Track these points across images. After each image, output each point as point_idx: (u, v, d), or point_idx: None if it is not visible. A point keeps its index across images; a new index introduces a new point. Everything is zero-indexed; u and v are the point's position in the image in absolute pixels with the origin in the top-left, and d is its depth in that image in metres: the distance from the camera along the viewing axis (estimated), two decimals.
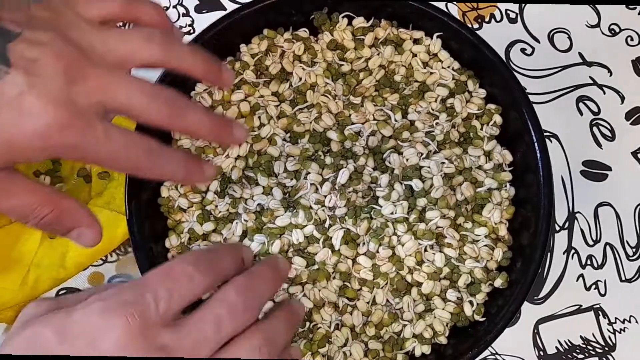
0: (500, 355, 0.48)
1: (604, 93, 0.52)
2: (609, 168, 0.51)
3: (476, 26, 0.53)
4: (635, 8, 0.53)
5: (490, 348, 0.48)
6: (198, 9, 0.53)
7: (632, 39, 0.53)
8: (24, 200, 0.32)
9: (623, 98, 0.52)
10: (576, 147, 0.51)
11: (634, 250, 0.50)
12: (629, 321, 0.49)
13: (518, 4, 0.53)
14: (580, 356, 0.48)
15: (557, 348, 0.48)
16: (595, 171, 0.51)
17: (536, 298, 0.49)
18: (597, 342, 0.48)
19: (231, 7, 0.50)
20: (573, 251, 0.50)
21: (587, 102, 0.52)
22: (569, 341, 0.48)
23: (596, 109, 0.52)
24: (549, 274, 0.49)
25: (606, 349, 0.48)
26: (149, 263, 0.40)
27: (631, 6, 0.53)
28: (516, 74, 0.43)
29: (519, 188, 0.42)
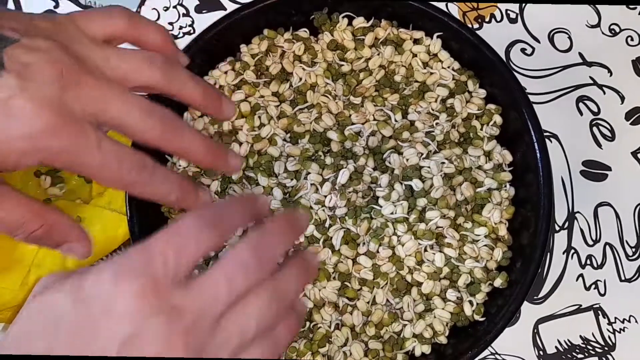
0: (500, 355, 0.48)
1: (604, 93, 0.52)
2: (609, 168, 0.51)
3: (476, 26, 0.53)
4: (635, 8, 0.53)
5: (490, 348, 0.48)
6: (198, 9, 0.53)
7: (632, 39, 0.53)
8: (12, 214, 0.32)
9: (623, 98, 0.52)
10: (576, 147, 0.51)
11: (634, 250, 0.50)
12: (629, 321, 0.49)
13: (518, 4, 0.53)
14: (579, 356, 0.48)
15: (557, 348, 0.48)
16: (595, 171, 0.51)
17: (536, 298, 0.49)
18: (597, 342, 0.48)
19: (231, 7, 0.50)
20: (573, 251, 0.50)
21: (587, 102, 0.52)
22: (569, 341, 0.48)
23: (596, 109, 0.52)
24: (549, 274, 0.49)
25: (606, 349, 0.48)
26: None
27: (631, 6, 0.53)
28: (516, 74, 0.43)
29: (519, 188, 0.42)
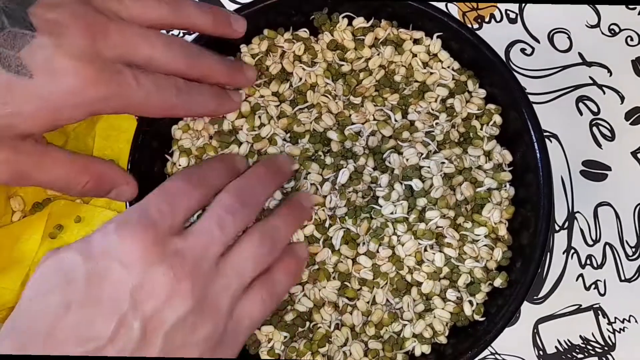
0: (499, 355, 0.48)
1: (604, 93, 0.52)
2: (609, 168, 0.51)
3: (476, 26, 0.53)
4: (635, 8, 0.53)
5: (489, 348, 0.48)
6: None
7: (632, 39, 0.53)
8: (62, 172, 0.34)
9: (623, 98, 0.52)
10: (576, 147, 0.51)
11: (634, 250, 0.50)
12: (629, 321, 0.49)
13: (518, 4, 0.53)
14: (579, 356, 0.48)
15: (557, 348, 0.48)
16: (595, 171, 0.51)
17: (536, 298, 0.49)
18: (597, 342, 0.48)
19: (231, 7, 0.50)
20: (573, 251, 0.50)
21: (587, 102, 0.52)
22: (569, 341, 0.48)
23: (596, 109, 0.52)
24: (549, 274, 0.49)
25: (606, 349, 0.48)
26: None
27: (631, 6, 0.53)
28: (516, 74, 0.43)
29: (519, 188, 0.43)
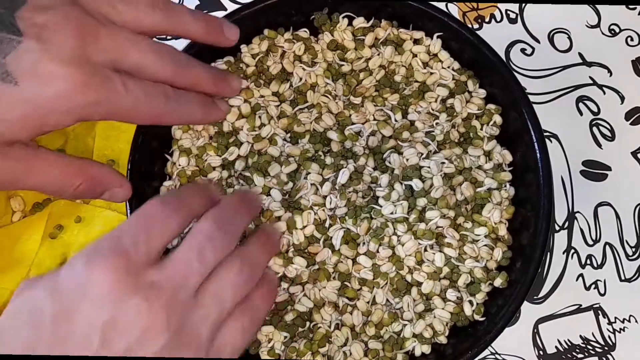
0: (500, 354, 0.48)
1: (604, 93, 0.52)
2: (609, 168, 0.51)
3: (476, 26, 0.53)
4: (635, 8, 0.53)
5: (490, 348, 0.48)
6: (199, 9, 0.53)
7: (632, 39, 0.53)
8: (53, 176, 0.33)
9: (623, 98, 0.52)
10: (576, 147, 0.51)
11: (634, 250, 0.50)
12: (629, 321, 0.49)
13: (518, 4, 0.53)
14: (579, 356, 0.48)
15: (557, 348, 0.48)
16: (595, 171, 0.51)
17: (536, 298, 0.49)
18: (597, 342, 0.48)
19: (232, 7, 0.50)
20: (573, 251, 0.50)
21: (587, 102, 0.52)
22: (569, 341, 0.48)
23: (596, 109, 0.52)
24: (549, 274, 0.49)
25: (606, 349, 0.48)
26: None
27: (631, 6, 0.53)
28: (516, 74, 0.43)
29: (519, 188, 0.43)
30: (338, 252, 0.40)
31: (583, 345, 0.48)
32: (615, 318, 0.49)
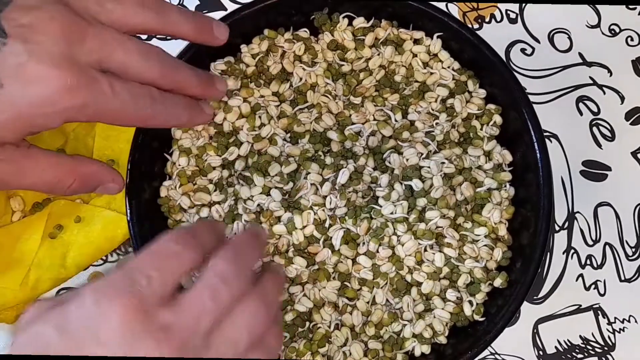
0: (499, 355, 0.48)
1: (604, 93, 0.52)
2: (609, 168, 0.51)
3: (476, 26, 0.53)
4: (635, 8, 0.53)
5: (489, 348, 0.48)
6: (199, 9, 0.53)
7: (632, 39, 0.53)
8: (47, 175, 0.33)
9: (623, 98, 0.52)
10: (576, 147, 0.51)
11: (634, 250, 0.50)
12: (629, 321, 0.49)
13: (518, 4, 0.53)
14: (579, 356, 0.48)
15: (557, 348, 0.48)
16: (595, 171, 0.51)
17: (536, 298, 0.49)
18: (597, 342, 0.48)
19: (232, 7, 0.50)
20: (573, 251, 0.50)
21: (587, 102, 0.52)
22: (569, 341, 0.48)
23: (596, 109, 0.52)
24: (549, 274, 0.49)
25: (605, 349, 0.48)
26: None
27: (631, 6, 0.53)
28: (516, 74, 0.43)
29: (519, 188, 0.43)
30: (338, 252, 0.40)
31: (583, 345, 0.48)
32: (615, 318, 0.49)
